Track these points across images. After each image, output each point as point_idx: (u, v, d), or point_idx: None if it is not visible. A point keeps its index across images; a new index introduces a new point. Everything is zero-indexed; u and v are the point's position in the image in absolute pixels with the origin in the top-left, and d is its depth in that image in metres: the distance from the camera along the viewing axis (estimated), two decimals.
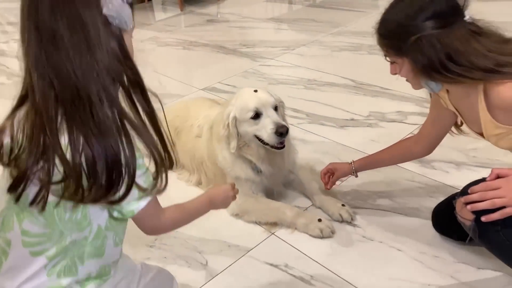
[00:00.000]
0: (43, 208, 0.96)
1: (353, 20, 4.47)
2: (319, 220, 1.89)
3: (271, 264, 1.77)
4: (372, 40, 1.55)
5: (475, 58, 1.30)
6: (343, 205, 1.97)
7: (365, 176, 2.18)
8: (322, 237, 1.87)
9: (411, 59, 1.41)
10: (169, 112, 2.50)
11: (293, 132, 2.64)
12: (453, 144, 2.27)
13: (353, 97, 3.04)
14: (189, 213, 1.31)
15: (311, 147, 2.52)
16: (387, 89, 3.06)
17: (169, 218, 1.20)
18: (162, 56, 4.21)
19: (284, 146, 1.90)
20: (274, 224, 1.96)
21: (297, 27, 4.60)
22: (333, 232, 1.88)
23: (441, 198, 1.98)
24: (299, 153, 2.41)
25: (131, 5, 0.99)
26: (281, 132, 1.83)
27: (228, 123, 1.91)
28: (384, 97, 2.98)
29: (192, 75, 3.67)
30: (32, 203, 0.96)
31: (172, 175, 2.39)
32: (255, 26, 4.80)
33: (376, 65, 2.04)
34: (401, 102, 2.86)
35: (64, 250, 1.03)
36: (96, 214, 1.04)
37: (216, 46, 4.27)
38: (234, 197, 1.47)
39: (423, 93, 1.66)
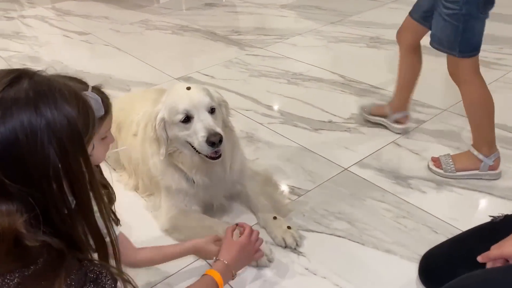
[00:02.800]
0: None
1: (361, 9, 4.05)
2: None
3: None
4: (374, 32, 1.21)
5: None
6: (288, 227, 1.66)
7: (327, 191, 1.87)
8: (256, 267, 1.57)
9: None
10: (115, 104, 2.23)
11: (260, 133, 2.35)
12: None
13: (338, 96, 2.69)
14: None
15: (275, 152, 2.20)
16: (377, 88, 2.70)
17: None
18: (146, 41, 3.92)
19: (219, 157, 1.59)
20: None
21: (297, 15, 4.23)
22: (270, 261, 1.58)
23: (410, 226, 1.65)
24: (259, 159, 2.12)
25: None
26: (213, 141, 1.51)
27: (155, 125, 1.61)
28: (373, 97, 2.61)
29: (171, 63, 3.37)
30: None
31: (113, 176, 2.13)
32: (254, 11, 4.45)
33: (373, 60, 1.71)
34: None
35: None
36: None
37: (206, 32, 3.96)
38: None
39: (418, 95, 1.32)
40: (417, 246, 1.57)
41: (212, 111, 1.58)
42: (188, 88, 1.60)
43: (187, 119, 1.57)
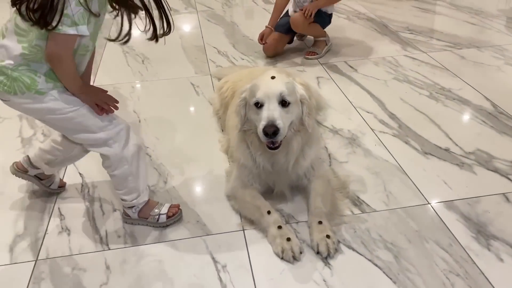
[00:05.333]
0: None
1: None
2: (288, 239, 1.63)
3: (213, 258, 1.64)
4: None
5: None
6: (328, 236, 1.65)
7: (393, 218, 1.77)
8: (281, 258, 1.62)
9: None
10: (237, 75, 2.46)
11: (365, 138, 2.30)
12: None
13: (475, 125, 2.38)
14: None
15: (368, 162, 2.12)
16: None
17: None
18: None
19: (275, 148, 1.66)
20: (251, 222, 1.78)
21: (499, 26, 3.70)
22: (295, 258, 1.61)
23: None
24: (348, 163, 2.10)
25: None
26: (267, 131, 1.59)
27: (238, 101, 1.76)
28: None
29: None
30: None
31: (217, 136, 2.39)
32: (445, 12, 4.08)
33: None
34: None
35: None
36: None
37: (378, 24, 3.83)
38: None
39: None
40: None
41: (284, 104, 1.64)
42: (273, 77, 1.69)
43: (259, 104, 1.66)
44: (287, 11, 3.28)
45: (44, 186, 1.95)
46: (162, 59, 3.31)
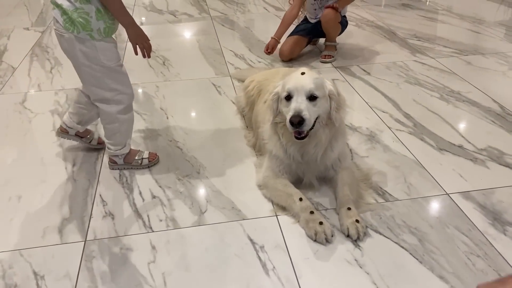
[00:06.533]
0: None
1: None
2: (320, 223, 1.77)
3: (250, 239, 1.77)
4: None
5: None
6: (357, 220, 1.78)
7: (415, 207, 1.91)
8: (314, 240, 1.75)
9: None
10: (262, 74, 2.60)
11: (383, 135, 2.44)
12: None
13: (485, 125, 2.53)
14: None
15: (388, 157, 2.27)
16: None
17: None
18: None
19: (302, 138, 1.80)
20: (283, 209, 1.91)
21: (500, 34, 3.90)
22: (328, 241, 1.74)
23: (479, 267, 1.64)
24: (369, 157, 2.24)
25: None
26: (292, 121, 1.73)
27: (271, 96, 1.90)
28: None
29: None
30: None
31: (242, 132, 2.52)
32: (450, 21, 4.26)
33: None
34: None
35: None
36: None
37: (387, 31, 4.01)
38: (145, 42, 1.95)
39: None
40: (473, 286, 1.53)
41: (311, 98, 1.78)
42: (303, 73, 1.83)
43: (289, 97, 1.80)
44: (304, 18, 3.43)
45: (85, 142, 2.31)
46: (183, 61, 3.45)
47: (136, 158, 2.19)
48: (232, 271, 1.63)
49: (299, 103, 1.76)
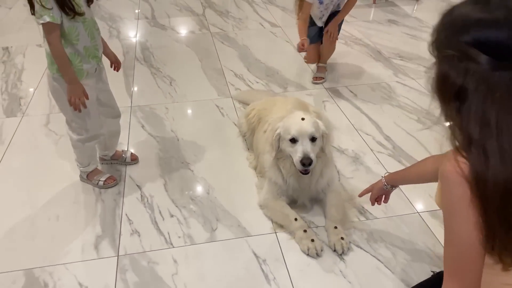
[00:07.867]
0: None
1: None
2: (312, 240, 2.15)
3: (254, 254, 2.16)
4: None
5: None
6: (342, 238, 2.17)
7: (391, 224, 2.29)
8: (307, 254, 2.14)
9: None
10: (262, 103, 2.96)
11: (366, 157, 2.82)
12: None
13: None
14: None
15: (370, 178, 2.65)
16: None
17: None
18: None
19: (307, 173, 2.18)
20: (281, 226, 2.30)
21: None
22: (318, 255, 2.13)
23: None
24: (353, 179, 2.62)
25: None
26: (304, 163, 2.11)
27: (274, 136, 2.27)
28: None
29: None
30: None
31: (244, 154, 2.89)
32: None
33: None
34: None
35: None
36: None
37: (373, 50, 4.38)
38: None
39: None
40: None
41: (313, 139, 2.16)
42: (302, 119, 2.20)
43: (294, 140, 2.18)
44: (311, 21, 3.68)
45: (121, 163, 2.74)
46: (188, 81, 3.80)
47: (95, 178, 2.56)
48: (240, 282, 2.02)
49: (305, 146, 2.14)
